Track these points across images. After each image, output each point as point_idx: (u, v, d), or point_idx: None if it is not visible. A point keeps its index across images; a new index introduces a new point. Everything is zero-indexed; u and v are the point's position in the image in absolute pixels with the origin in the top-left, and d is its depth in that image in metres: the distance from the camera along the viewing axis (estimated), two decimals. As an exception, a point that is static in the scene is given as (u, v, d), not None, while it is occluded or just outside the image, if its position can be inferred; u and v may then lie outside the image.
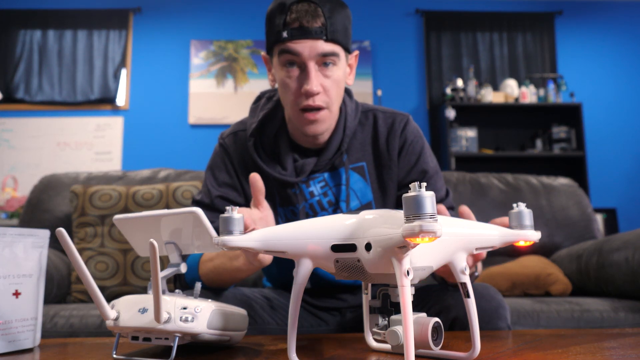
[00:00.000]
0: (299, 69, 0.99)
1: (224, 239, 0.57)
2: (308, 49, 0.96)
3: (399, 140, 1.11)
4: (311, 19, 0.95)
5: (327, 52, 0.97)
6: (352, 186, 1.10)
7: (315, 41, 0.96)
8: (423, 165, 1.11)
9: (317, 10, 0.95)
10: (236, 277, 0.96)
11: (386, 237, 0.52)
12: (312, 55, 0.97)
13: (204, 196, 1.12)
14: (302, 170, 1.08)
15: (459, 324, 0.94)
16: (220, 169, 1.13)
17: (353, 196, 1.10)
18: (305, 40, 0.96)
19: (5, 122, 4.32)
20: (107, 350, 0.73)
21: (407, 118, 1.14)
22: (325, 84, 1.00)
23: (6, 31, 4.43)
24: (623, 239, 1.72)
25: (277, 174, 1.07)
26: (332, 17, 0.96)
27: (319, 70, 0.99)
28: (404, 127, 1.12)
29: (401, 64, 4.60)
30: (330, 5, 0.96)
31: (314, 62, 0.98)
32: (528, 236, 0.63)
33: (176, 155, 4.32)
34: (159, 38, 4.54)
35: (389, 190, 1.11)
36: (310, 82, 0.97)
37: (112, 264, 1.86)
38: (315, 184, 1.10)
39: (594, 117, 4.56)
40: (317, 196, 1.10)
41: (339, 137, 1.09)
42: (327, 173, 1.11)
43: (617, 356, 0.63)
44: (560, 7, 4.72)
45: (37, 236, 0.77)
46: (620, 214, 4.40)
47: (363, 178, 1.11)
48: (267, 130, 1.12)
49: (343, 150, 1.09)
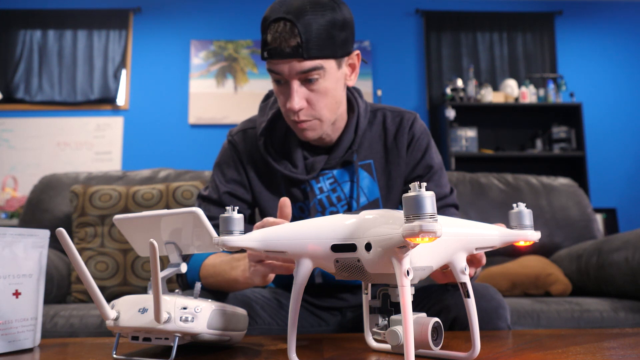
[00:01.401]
0: (285, 85, 1.00)
1: (224, 239, 0.57)
2: (287, 68, 0.96)
3: (407, 136, 1.13)
4: (285, 39, 0.94)
5: (307, 69, 0.96)
6: (359, 183, 1.11)
7: (291, 61, 0.95)
8: (428, 161, 1.13)
9: (292, 29, 0.93)
10: (233, 287, 0.95)
11: (386, 237, 0.52)
12: (292, 74, 0.97)
13: (212, 192, 1.13)
14: (312, 167, 1.10)
15: (459, 324, 0.94)
16: (228, 165, 1.14)
17: (361, 193, 1.11)
18: (282, 61, 0.96)
19: (5, 122, 4.32)
20: (107, 350, 0.73)
21: (415, 116, 1.16)
22: (311, 97, 1.00)
23: (6, 31, 4.43)
24: (623, 239, 1.72)
25: (287, 172, 1.09)
26: (308, 33, 0.94)
27: (303, 85, 0.99)
28: (412, 124, 1.14)
29: (401, 64, 4.60)
30: (308, 20, 0.94)
31: (297, 79, 0.98)
32: (528, 236, 0.63)
33: (176, 155, 4.32)
34: (159, 38, 4.53)
35: (395, 186, 1.13)
36: (292, 101, 0.98)
37: (112, 264, 1.86)
38: (324, 180, 1.11)
39: (594, 117, 4.56)
40: (326, 192, 1.11)
41: (350, 136, 1.11)
42: (336, 170, 1.12)
43: (617, 356, 0.63)
44: (560, 7, 4.72)
45: (37, 236, 0.78)
46: (620, 214, 4.39)
47: (370, 175, 1.12)
48: (277, 128, 1.13)
49: (354, 149, 1.10)
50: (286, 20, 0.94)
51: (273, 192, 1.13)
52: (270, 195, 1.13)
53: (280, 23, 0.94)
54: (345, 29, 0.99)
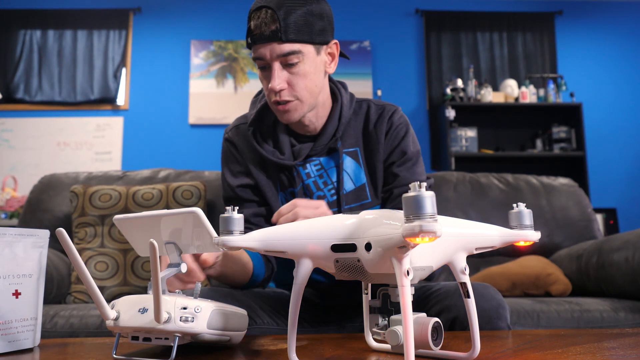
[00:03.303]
0: (268, 69, 1.08)
1: (224, 239, 0.57)
2: (268, 51, 1.05)
3: (386, 124, 1.19)
4: (266, 24, 1.03)
5: (286, 52, 1.04)
6: (346, 169, 1.17)
7: (271, 44, 1.04)
8: (404, 148, 1.18)
9: (272, 15, 1.02)
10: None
11: (386, 237, 0.52)
12: (273, 56, 1.05)
13: (227, 191, 1.21)
14: (299, 154, 1.17)
15: (459, 324, 0.95)
16: (231, 160, 1.22)
17: (347, 178, 1.17)
18: (263, 45, 1.04)
19: (5, 122, 4.32)
20: (107, 350, 0.73)
21: (396, 108, 1.23)
22: (291, 79, 1.08)
23: (6, 31, 4.43)
24: (623, 239, 1.72)
25: (275, 159, 1.16)
26: (288, 19, 1.02)
27: (284, 69, 1.07)
28: (392, 115, 1.21)
29: (401, 64, 4.59)
30: (287, 8, 1.03)
31: (278, 62, 1.06)
32: (528, 236, 0.63)
33: (176, 155, 4.32)
34: (159, 38, 4.53)
35: (378, 171, 1.18)
36: (273, 81, 1.06)
37: (112, 264, 1.86)
38: (311, 166, 1.18)
39: (594, 117, 4.55)
40: (313, 177, 1.17)
41: (334, 124, 1.18)
42: (323, 158, 1.18)
43: (617, 356, 0.63)
44: (560, 7, 4.72)
45: (37, 236, 0.77)
46: (620, 214, 4.39)
47: (357, 162, 1.18)
48: (265, 119, 1.21)
49: (338, 136, 1.17)
50: (267, 7, 1.03)
51: (268, 178, 1.19)
52: (266, 180, 1.18)
53: (262, 10, 1.03)
54: (323, 19, 1.07)
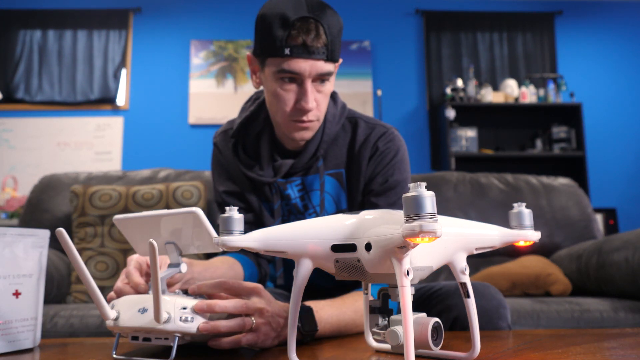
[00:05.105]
0: (296, 84, 0.99)
1: (224, 239, 0.57)
2: (309, 67, 0.96)
3: (370, 149, 1.09)
4: (314, 38, 0.94)
5: (326, 71, 0.98)
6: (328, 191, 1.10)
7: (317, 61, 0.96)
8: (386, 175, 1.08)
9: (319, 29, 0.94)
10: None
11: (386, 237, 0.52)
12: (312, 74, 0.97)
13: (216, 195, 1.19)
14: (279, 170, 1.09)
15: (459, 324, 0.94)
16: (219, 165, 1.20)
17: (330, 201, 1.10)
18: (307, 60, 0.95)
19: (5, 122, 4.32)
20: (107, 350, 0.73)
21: (386, 130, 1.11)
22: (318, 98, 1.01)
23: (6, 31, 4.43)
24: (623, 239, 1.72)
25: (253, 175, 1.10)
26: (332, 35, 0.96)
27: (313, 86, 1.00)
28: (379, 138, 1.10)
29: (401, 64, 4.59)
30: (330, 22, 0.95)
31: (311, 79, 0.98)
32: (528, 236, 0.63)
33: (176, 155, 4.32)
34: (159, 38, 4.53)
35: (357, 199, 1.09)
36: (308, 100, 0.98)
37: (112, 264, 1.86)
38: (292, 187, 1.11)
39: (594, 117, 4.55)
40: (294, 200, 1.11)
41: (316, 142, 1.09)
42: (305, 177, 1.11)
43: (617, 356, 0.63)
44: (560, 7, 4.72)
45: (37, 236, 0.77)
46: (620, 214, 4.39)
47: (340, 184, 1.10)
48: (250, 131, 1.14)
49: (319, 155, 1.09)
50: (315, 20, 0.94)
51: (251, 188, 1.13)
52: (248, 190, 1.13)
53: (310, 23, 0.94)
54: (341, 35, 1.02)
